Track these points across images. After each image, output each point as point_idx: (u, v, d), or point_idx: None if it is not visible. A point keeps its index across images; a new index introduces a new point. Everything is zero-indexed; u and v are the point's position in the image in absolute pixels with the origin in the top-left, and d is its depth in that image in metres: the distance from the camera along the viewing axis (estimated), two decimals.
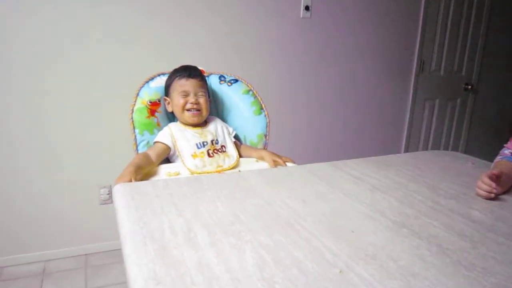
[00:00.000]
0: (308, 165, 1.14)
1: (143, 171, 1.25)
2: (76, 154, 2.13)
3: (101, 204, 2.26)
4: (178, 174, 1.31)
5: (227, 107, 1.58)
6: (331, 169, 1.12)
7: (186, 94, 1.40)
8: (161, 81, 1.50)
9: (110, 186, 2.22)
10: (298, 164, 1.30)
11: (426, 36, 2.90)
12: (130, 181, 1.13)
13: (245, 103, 1.56)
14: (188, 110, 1.40)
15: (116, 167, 1.27)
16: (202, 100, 1.42)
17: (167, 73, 1.51)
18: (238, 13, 2.29)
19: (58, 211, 2.17)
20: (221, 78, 1.60)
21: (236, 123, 1.56)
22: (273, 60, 2.45)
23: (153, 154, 1.32)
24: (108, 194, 2.24)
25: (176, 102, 1.41)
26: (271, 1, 2.36)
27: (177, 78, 1.42)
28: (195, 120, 1.41)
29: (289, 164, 1.37)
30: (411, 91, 2.99)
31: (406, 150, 3.09)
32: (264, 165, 1.42)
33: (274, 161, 1.37)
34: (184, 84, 1.40)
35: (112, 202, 2.24)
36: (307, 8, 2.51)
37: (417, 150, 3.16)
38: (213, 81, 1.58)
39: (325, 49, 2.59)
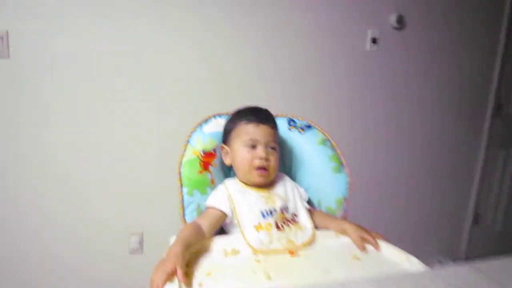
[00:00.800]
0: (442, 271, 0.77)
1: (193, 250, 0.93)
2: (108, 195, 1.85)
3: (130, 253, 1.96)
4: (237, 252, 0.98)
5: (297, 160, 1.24)
6: (474, 278, 0.75)
7: (254, 146, 1.08)
8: (217, 125, 1.19)
9: (142, 233, 1.92)
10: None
11: (505, 73, 2.52)
12: (174, 272, 0.81)
13: (321, 157, 1.22)
14: (256, 168, 1.08)
15: (151, 211, 0.95)
16: (273, 157, 1.10)
17: (225, 115, 1.20)
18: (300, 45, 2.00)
19: (83, 258, 1.88)
20: (291, 122, 1.27)
21: (308, 182, 1.22)
22: (335, 97, 2.13)
23: (206, 224, 1.00)
24: (139, 243, 1.93)
25: (239, 154, 1.09)
26: (336, 34, 2.06)
27: (243, 122, 1.10)
28: (262, 180, 1.09)
29: (381, 242, 1.02)
30: (485, 136, 2.59)
31: (477, 205, 2.66)
32: (345, 241, 1.07)
33: (362, 238, 1.02)
34: (253, 132, 1.08)
35: (142, 252, 1.95)
36: (374, 40, 2.20)
37: (487, 206, 2.72)
38: (280, 125, 1.26)
39: (390, 85, 2.25)
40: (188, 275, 0.86)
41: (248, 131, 1.08)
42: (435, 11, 2.25)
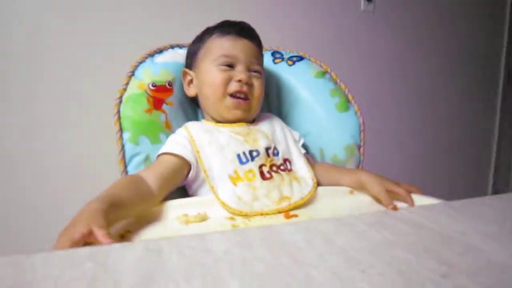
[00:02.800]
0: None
1: (126, 212, 0.58)
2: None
3: None
4: (204, 218, 0.63)
5: (288, 100, 0.90)
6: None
7: (230, 65, 0.75)
8: (175, 55, 0.86)
9: None
10: None
11: None
12: (87, 235, 0.46)
13: (319, 93, 0.88)
14: (232, 95, 0.75)
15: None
16: (257, 83, 0.77)
17: (187, 46, 0.87)
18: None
19: None
20: (276, 54, 0.95)
21: (305, 127, 0.88)
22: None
23: (152, 177, 0.65)
24: None
25: (209, 75, 0.75)
26: None
27: (215, 36, 0.78)
28: (238, 114, 0.75)
29: (415, 196, 0.68)
30: (498, 105, 2.29)
31: (495, 180, 2.34)
32: (364, 200, 0.73)
33: (389, 191, 0.68)
34: (230, 46, 0.76)
35: None
36: None
37: (507, 180, 2.40)
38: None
39: (389, 51, 1.93)
40: None
41: (223, 45, 0.76)
42: None
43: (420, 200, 0.67)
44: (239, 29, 0.78)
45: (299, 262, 0.29)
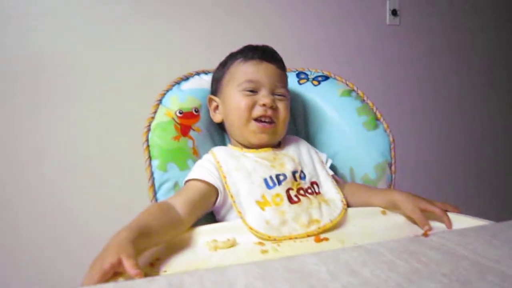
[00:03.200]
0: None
1: (156, 240, 0.59)
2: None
3: None
4: (233, 244, 0.63)
5: (315, 121, 0.90)
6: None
7: (254, 90, 0.76)
8: (201, 82, 0.87)
9: None
10: None
11: None
12: (116, 265, 0.46)
13: (346, 112, 0.87)
14: (257, 119, 0.75)
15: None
16: (282, 106, 0.77)
17: (212, 72, 0.89)
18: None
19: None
20: (301, 75, 0.95)
21: (333, 147, 0.87)
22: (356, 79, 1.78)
23: (181, 204, 0.65)
24: None
25: (234, 101, 0.76)
26: (350, 7, 1.74)
27: (239, 61, 0.79)
28: (264, 138, 0.75)
29: (452, 216, 0.65)
30: None
31: None
32: (397, 220, 0.70)
33: (423, 210, 0.65)
34: (253, 71, 0.76)
35: None
36: (394, 12, 1.88)
37: None
38: (288, 81, 0.93)
39: (417, 64, 1.87)
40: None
41: (246, 70, 0.77)
42: None
43: (457, 219, 0.64)
44: (261, 53, 0.78)
45: None
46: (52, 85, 1.26)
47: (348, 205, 0.73)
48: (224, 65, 0.82)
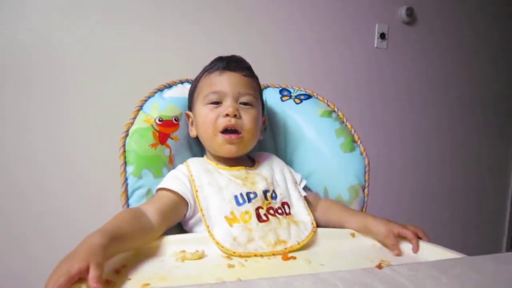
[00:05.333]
0: None
1: (127, 245, 0.59)
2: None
3: None
4: (201, 256, 0.63)
5: (294, 139, 0.91)
6: None
7: (219, 100, 0.76)
8: (184, 90, 0.88)
9: None
10: None
11: None
12: (82, 272, 0.46)
13: (325, 133, 0.89)
14: (223, 131, 0.75)
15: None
16: (248, 116, 0.76)
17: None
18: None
19: None
20: (284, 92, 0.96)
21: (310, 165, 0.88)
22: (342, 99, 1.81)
23: (153, 212, 0.65)
24: None
25: (201, 115, 0.77)
26: (341, 30, 1.77)
27: (205, 74, 0.79)
28: (231, 149, 0.75)
29: (422, 244, 0.67)
30: None
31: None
32: (366, 243, 0.72)
33: (396, 234, 0.67)
34: (216, 82, 0.76)
35: None
36: (382, 36, 1.92)
37: None
38: (270, 97, 0.95)
39: (402, 88, 1.92)
40: (112, 285, 0.52)
41: (210, 82, 0.77)
42: (449, 2, 1.98)
43: (425, 248, 0.66)
44: (226, 63, 0.78)
45: None
46: (35, 87, 1.26)
47: (321, 220, 0.75)
48: (196, 79, 0.83)
